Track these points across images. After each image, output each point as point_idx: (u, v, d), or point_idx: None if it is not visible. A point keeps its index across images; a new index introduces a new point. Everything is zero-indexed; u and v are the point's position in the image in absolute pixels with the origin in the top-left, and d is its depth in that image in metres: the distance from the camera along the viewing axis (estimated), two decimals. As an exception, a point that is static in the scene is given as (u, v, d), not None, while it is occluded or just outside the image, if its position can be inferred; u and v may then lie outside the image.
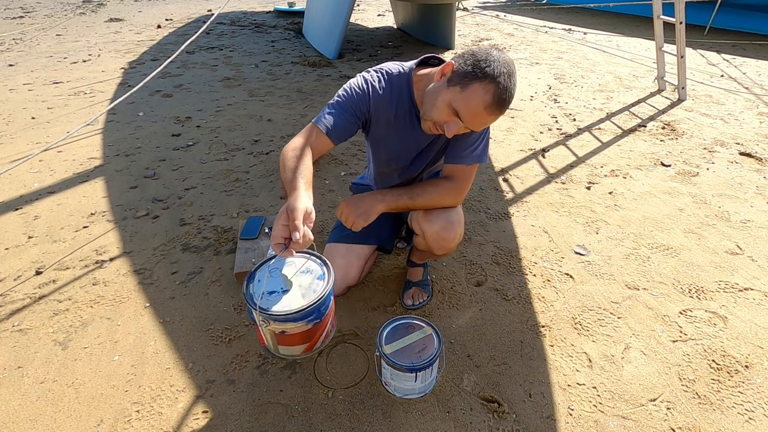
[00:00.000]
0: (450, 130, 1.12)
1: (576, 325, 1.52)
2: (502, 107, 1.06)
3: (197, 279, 1.72)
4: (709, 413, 1.22)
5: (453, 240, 1.36)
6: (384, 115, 1.28)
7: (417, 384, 1.22)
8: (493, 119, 1.09)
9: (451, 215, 1.33)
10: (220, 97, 3.74)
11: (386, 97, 1.25)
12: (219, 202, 2.24)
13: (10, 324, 1.52)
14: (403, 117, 1.28)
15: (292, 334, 1.03)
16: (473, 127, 1.11)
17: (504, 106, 1.06)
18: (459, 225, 1.35)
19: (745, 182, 2.38)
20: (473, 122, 1.09)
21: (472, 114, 1.07)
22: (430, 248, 1.42)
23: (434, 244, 1.37)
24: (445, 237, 1.34)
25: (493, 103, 1.04)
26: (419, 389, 1.24)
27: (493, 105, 1.05)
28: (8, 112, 3.39)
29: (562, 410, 1.24)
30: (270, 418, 1.21)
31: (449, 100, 1.08)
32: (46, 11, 8.13)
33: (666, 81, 3.76)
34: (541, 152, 2.77)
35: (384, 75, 1.27)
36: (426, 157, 1.39)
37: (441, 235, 1.34)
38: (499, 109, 1.06)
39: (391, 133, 1.32)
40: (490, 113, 1.06)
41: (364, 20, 7.22)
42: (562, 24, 6.82)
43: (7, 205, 2.21)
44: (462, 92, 1.06)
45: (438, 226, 1.33)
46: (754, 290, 1.65)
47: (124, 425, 1.20)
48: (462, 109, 1.07)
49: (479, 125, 1.11)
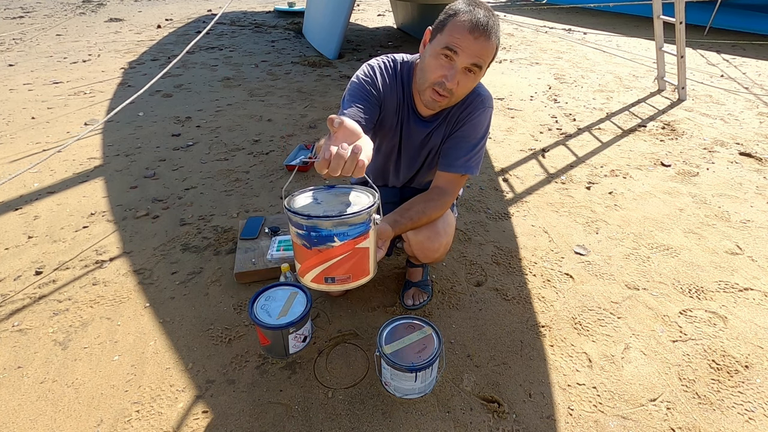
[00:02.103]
0: (450, 78, 1.10)
1: (576, 325, 1.52)
2: (485, 30, 1.06)
3: (197, 279, 1.72)
4: (709, 413, 1.22)
5: (437, 250, 1.34)
6: (390, 103, 1.27)
7: (417, 384, 1.22)
8: (483, 45, 1.07)
9: (437, 225, 1.31)
10: (220, 97, 3.74)
11: (391, 83, 1.26)
12: (219, 202, 2.24)
13: (10, 324, 1.52)
14: (403, 107, 1.29)
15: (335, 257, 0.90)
16: (469, 59, 1.08)
17: (485, 28, 1.06)
18: (445, 234, 1.33)
19: (745, 182, 2.38)
20: (466, 52, 1.07)
21: (460, 42, 1.07)
22: (413, 255, 1.40)
23: (419, 253, 1.36)
24: (430, 247, 1.33)
25: (474, 26, 1.05)
26: (419, 389, 1.24)
27: (475, 27, 1.05)
28: (8, 112, 3.39)
29: (562, 410, 1.24)
30: (270, 418, 1.21)
31: (436, 49, 1.10)
32: (46, 11, 8.13)
33: (666, 81, 3.76)
34: (541, 152, 2.77)
35: (390, 62, 1.27)
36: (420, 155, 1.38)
37: (425, 245, 1.33)
38: (480, 31, 1.06)
39: (395, 122, 1.31)
40: (476, 37, 1.06)
41: (364, 20, 7.22)
42: (562, 24, 6.82)
43: (7, 205, 2.21)
44: (443, 34, 1.09)
45: (422, 236, 1.31)
46: (754, 290, 1.65)
47: (124, 425, 1.20)
48: (449, 42, 1.07)
49: (471, 54, 1.08)
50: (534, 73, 4.38)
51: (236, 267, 1.70)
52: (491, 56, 1.11)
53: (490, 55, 1.11)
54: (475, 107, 1.25)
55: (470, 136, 1.25)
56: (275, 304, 1.38)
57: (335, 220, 0.86)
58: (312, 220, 0.86)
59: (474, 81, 1.14)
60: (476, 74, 1.12)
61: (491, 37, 1.08)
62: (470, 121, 1.25)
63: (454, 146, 1.26)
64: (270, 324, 1.30)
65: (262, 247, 1.80)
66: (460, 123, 1.26)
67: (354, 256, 0.92)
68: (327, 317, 1.55)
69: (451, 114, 1.27)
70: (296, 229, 0.90)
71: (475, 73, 1.12)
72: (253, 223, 1.94)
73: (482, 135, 1.26)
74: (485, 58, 1.10)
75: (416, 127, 1.30)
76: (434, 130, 1.30)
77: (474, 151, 1.25)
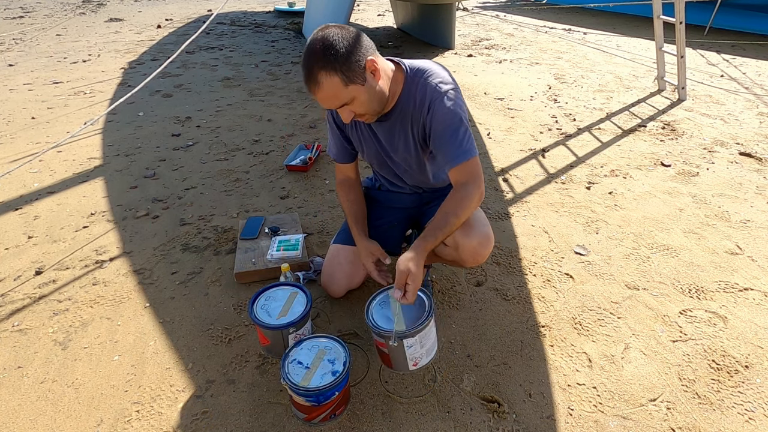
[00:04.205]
0: (344, 118, 1.20)
1: (576, 325, 1.52)
2: (308, 82, 1.11)
3: (197, 279, 1.72)
4: (709, 413, 1.22)
5: (487, 254, 1.37)
6: (347, 126, 1.38)
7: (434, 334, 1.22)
8: (321, 96, 1.12)
9: (488, 230, 1.35)
10: (220, 97, 3.74)
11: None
12: (219, 202, 2.24)
13: (10, 324, 1.52)
14: (359, 123, 1.36)
15: (296, 401, 1.17)
16: (328, 107, 1.18)
17: (308, 79, 1.10)
18: (493, 238, 1.37)
19: (745, 182, 2.38)
20: (324, 106, 1.18)
21: (313, 96, 1.15)
22: (461, 260, 1.38)
23: (469, 258, 1.36)
24: (482, 252, 1.35)
25: (305, 81, 1.12)
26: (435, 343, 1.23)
27: (306, 85, 1.13)
28: (8, 112, 3.39)
29: (562, 410, 1.24)
30: (270, 418, 1.21)
31: None
32: (46, 11, 8.13)
33: (666, 81, 3.76)
34: (541, 152, 2.77)
35: None
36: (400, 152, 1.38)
37: (478, 251, 1.34)
38: (307, 85, 1.12)
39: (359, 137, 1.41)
40: (313, 93, 1.13)
41: (364, 20, 7.22)
42: (562, 24, 6.81)
43: (7, 205, 2.21)
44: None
45: (476, 242, 1.32)
46: (754, 290, 1.65)
47: (124, 425, 1.20)
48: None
49: (326, 105, 1.16)
50: (534, 73, 4.38)
51: (236, 267, 1.70)
52: (339, 90, 1.10)
53: (337, 93, 1.11)
54: (431, 100, 1.21)
55: (448, 126, 1.22)
56: (275, 304, 1.38)
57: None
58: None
59: (359, 101, 1.15)
60: (351, 101, 1.14)
61: (320, 82, 1.09)
62: (436, 113, 1.21)
63: (440, 144, 1.24)
64: (270, 324, 1.30)
65: (262, 247, 1.80)
66: (429, 119, 1.24)
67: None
68: (327, 317, 1.55)
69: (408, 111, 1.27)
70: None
71: (349, 102, 1.14)
72: (253, 223, 1.94)
73: (458, 118, 1.22)
74: (336, 100, 1.13)
75: (378, 127, 1.35)
76: (396, 122, 1.31)
77: (460, 136, 1.22)
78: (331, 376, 1.14)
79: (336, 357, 1.19)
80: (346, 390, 1.21)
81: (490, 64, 4.74)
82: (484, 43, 5.64)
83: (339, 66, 1.07)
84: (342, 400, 1.19)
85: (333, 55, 1.07)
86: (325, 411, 1.16)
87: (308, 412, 1.16)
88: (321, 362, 1.18)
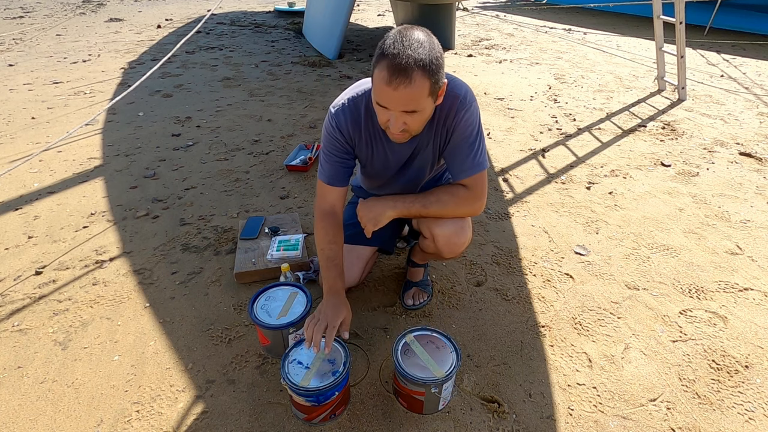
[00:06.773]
0: (392, 126, 1.09)
1: (576, 325, 1.52)
2: (399, 74, 1.00)
3: (197, 279, 1.72)
4: (709, 413, 1.22)
5: (463, 244, 1.37)
6: (360, 140, 1.30)
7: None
8: (405, 93, 1.02)
9: (464, 222, 1.35)
10: (220, 97, 3.74)
11: (352, 125, 1.26)
12: (219, 202, 2.24)
13: (10, 324, 1.52)
14: (375, 136, 1.29)
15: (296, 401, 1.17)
16: (396, 107, 1.06)
17: (404, 74, 1.00)
18: (469, 228, 1.37)
19: (745, 182, 2.38)
20: (392, 105, 1.05)
21: (384, 97, 1.04)
22: (439, 251, 1.40)
23: (444, 248, 1.37)
24: (456, 242, 1.34)
25: (391, 76, 1.00)
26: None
27: (392, 77, 1.00)
28: (8, 112, 3.39)
29: (562, 410, 1.24)
30: (270, 418, 1.21)
31: (372, 96, 1.09)
32: (46, 11, 8.13)
33: (666, 81, 3.76)
34: (541, 152, 2.77)
35: (343, 106, 1.26)
36: (412, 169, 1.37)
37: (452, 240, 1.34)
38: (396, 77, 1.00)
39: (371, 152, 1.33)
40: (395, 87, 1.01)
41: (364, 20, 7.22)
42: (562, 24, 6.82)
43: (7, 205, 2.21)
44: (373, 82, 1.07)
45: (449, 230, 1.33)
46: (754, 290, 1.65)
47: (124, 425, 1.20)
48: (376, 97, 1.07)
49: (398, 104, 1.05)
50: (534, 73, 4.38)
51: (236, 267, 1.70)
52: (423, 96, 1.04)
53: (419, 97, 1.04)
54: (457, 110, 1.22)
55: (466, 137, 1.23)
56: (275, 304, 1.38)
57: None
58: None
59: (422, 116, 1.10)
60: (420, 111, 1.08)
61: (414, 79, 1.00)
62: (458, 125, 1.22)
63: (456, 153, 1.25)
64: (270, 324, 1.31)
65: (262, 247, 1.80)
66: (451, 131, 1.24)
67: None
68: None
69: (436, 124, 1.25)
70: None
71: (418, 111, 1.07)
72: (253, 223, 1.94)
73: (477, 131, 1.24)
74: (414, 103, 1.04)
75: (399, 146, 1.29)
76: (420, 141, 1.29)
77: (476, 148, 1.24)
78: (331, 376, 1.14)
79: (336, 357, 1.19)
80: (346, 390, 1.21)
81: (490, 64, 4.74)
82: (484, 43, 5.64)
83: (433, 75, 1.04)
84: (342, 400, 1.19)
85: (435, 63, 1.03)
86: (325, 411, 1.16)
87: (308, 412, 1.16)
88: (321, 362, 1.18)
